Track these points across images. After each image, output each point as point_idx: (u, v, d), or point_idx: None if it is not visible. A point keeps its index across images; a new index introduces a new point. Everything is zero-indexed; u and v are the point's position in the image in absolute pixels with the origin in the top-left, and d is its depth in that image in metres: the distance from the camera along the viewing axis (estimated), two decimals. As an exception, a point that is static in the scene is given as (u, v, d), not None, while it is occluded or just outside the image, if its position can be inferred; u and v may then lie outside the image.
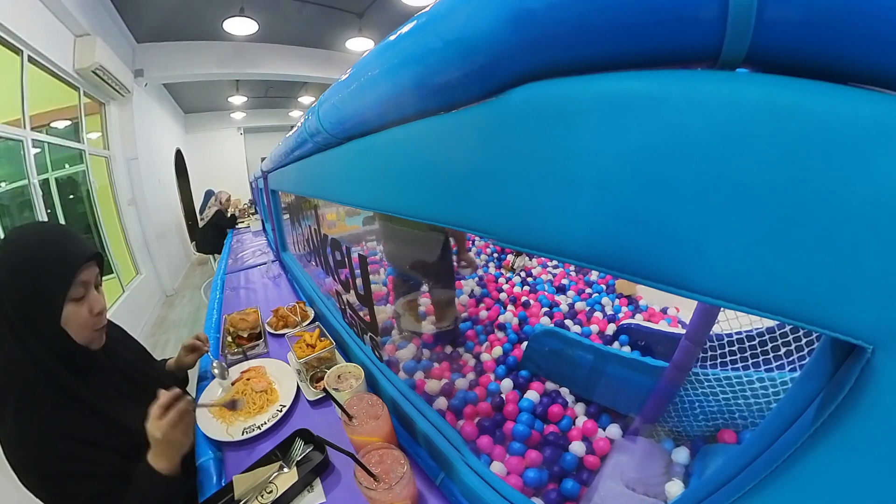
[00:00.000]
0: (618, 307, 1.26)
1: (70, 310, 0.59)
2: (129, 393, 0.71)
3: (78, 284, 0.60)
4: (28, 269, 0.56)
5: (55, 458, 0.56)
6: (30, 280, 0.56)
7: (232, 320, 1.24)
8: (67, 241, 0.61)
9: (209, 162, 7.26)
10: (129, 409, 0.67)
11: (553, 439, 0.77)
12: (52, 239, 0.60)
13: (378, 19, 4.07)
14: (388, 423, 0.64)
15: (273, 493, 0.63)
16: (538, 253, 0.29)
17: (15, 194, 2.43)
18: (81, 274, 0.60)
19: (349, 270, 0.80)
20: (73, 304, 0.60)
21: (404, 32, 0.34)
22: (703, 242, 0.19)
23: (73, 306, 0.60)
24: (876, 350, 0.17)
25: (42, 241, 0.59)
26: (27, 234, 0.60)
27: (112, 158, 3.79)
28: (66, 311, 0.59)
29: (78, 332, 0.61)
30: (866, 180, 0.15)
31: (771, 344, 0.67)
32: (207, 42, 4.24)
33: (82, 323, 0.61)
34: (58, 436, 0.57)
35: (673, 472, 0.64)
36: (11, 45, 2.27)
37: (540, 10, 0.22)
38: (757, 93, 0.17)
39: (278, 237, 2.03)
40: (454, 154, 0.35)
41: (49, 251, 0.58)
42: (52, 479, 0.56)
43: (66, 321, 0.59)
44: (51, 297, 0.58)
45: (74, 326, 0.60)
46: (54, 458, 0.56)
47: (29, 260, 0.57)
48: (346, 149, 0.61)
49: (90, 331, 0.63)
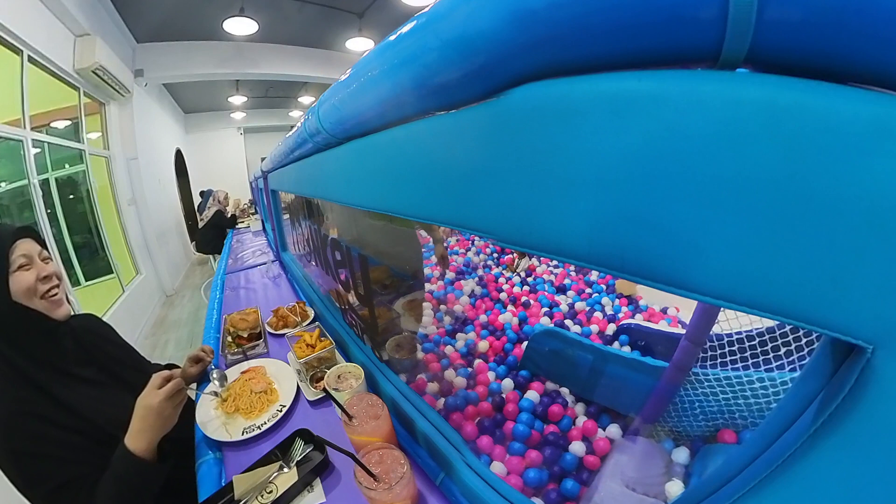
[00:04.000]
0: (618, 307, 1.26)
1: (15, 279, 0.62)
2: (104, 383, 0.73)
3: (19, 256, 0.63)
4: None
5: (27, 437, 0.59)
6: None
7: (232, 320, 1.24)
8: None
9: (209, 162, 7.27)
10: (105, 402, 0.68)
11: (553, 439, 0.77)
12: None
13: (378, 19, 4.07)
14: (388, 423, 0.64)
15: (273, 493, 0.63)
16: (538, 253, 0.28)
17: (15, 194, 2.43)
18: (17, 248, 0.64)
19: (349, 270, 0.80)
20: (18, 272, 0.63)
21: (404, 32, 0.34)
22: (703, 242, 0.19)
23: (18, 275, 0.63)
24: (876, 350, 0.17)
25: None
26: None
27: (112, 158, 3.79)
28: (12, 282, 0.62)
29: (29, 300, 0.64)
30: (866, 180, 0.15)
31: (771, 344, 0.67)
32: (207, 42, 4.25)
33: (29, 287, 0.63)
34: (31, 415, 0.60)
35: (673, 472, 0.64)
36: (11, 45, 2.27)
37: (540, 10, 0.22)
38: (757, 93, 0.17)
39: (278, 237, 2.03)
40: (454, 154, 0.34)
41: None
42: (23, 458, 0.58)
43: (14, 292, 0.62)
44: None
45: (23, 295, 0.63)
46: (26, 437, 0.58)
47: None
48: (346, 149, 0.61)
49: (41, 298, 0.65)
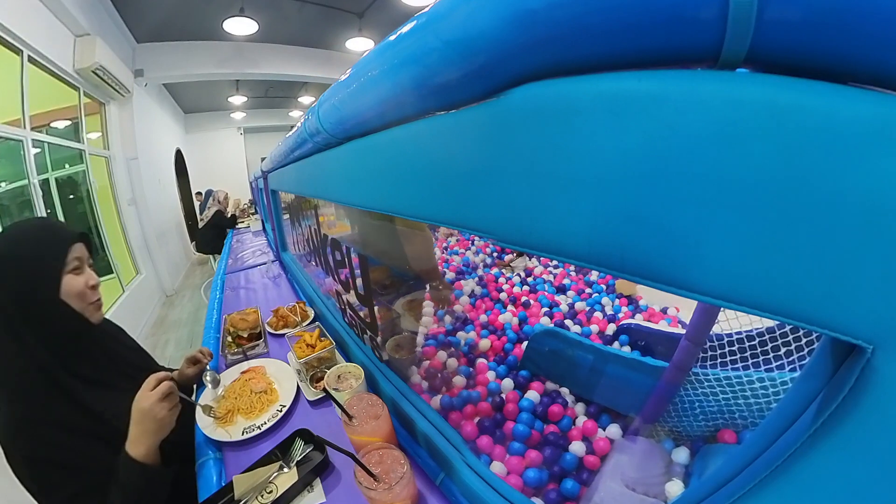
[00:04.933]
0: (618, 307, 1.26)
1: (68, 280, 0.64)
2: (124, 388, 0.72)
3: (73, 259, 0.65)
4: (26, 252, 0.62)
5: (44, 445, 0.59)
6: (29, 260, 0.61)
7: (232, 320, 1.24)
8: (55, 225, 0.69)
9: (209, 162, 7.27)
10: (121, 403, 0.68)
11: (553, 439, 0.77)
12: (41, 225, 0.67)
13: (378, 19, 4.07)
14: (388, 423, 0.64)
15: (273, 493, 0.63)
16: (538, 253, 0.28)
17: (15, 194, 2.43)
18: (73, 250, 0.65)
19: (349, 270, 0.80)
20: (71, 275, 0.65)
21: (404, 32, 0.34)
22: (704, 242, 0.19)
23: (71, 277, 0.65)
24: (876, 350, 0.17)
25: (33, 227, 0.66)
26: (16, 227, 0.66)
27: (112, 158, 3.79)
28: (65, 282, 0.64)
29: (77, 303, 0.65)
30: (866, 180, 0.15)
31: (771, 344, 0.67)
32: (207, 42, 4.25)
33: (80, 292, 0.65)
34: (51, 423, 0.60)
35: (673, 472, 0.64)
36: (11, 45, 2.27)
37: (540, 10, 0.22)
38: (757, 93, 0.17)
39: (278, 237, 2.03)
40: (454, 154, 0.34)
41: (42, 234, 0.65)
42: (39, 465, 0.58)
43: (65, 292, 0.64)
44: (49, 270, 0.63)
45: (73, 297, 0.65)
46: (43, 444, 0.59)
47: (24, 244, 0.63)
48: (346, 149, 0.61)
49: (87, 303, 0.67)
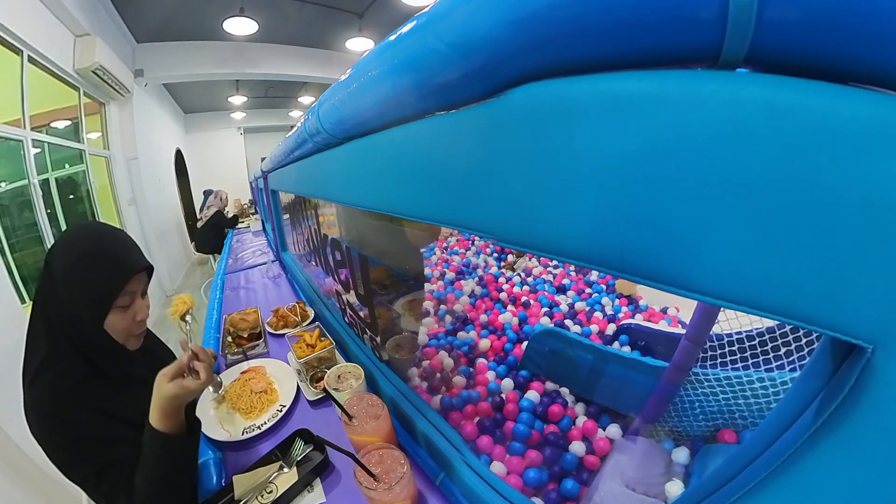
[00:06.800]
0: (618, 307, 1.26)
1: (115, 314, 0.61)
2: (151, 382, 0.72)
3: (126, 294, 0.61)
4: (81, 274, 0.58)
5: (77, 422, 0.57)
6: (80, 285, 0.57)
7: (232, 320, 1.24)
8: (122, 250, 0.62)
9: (209, 162, 7.25)
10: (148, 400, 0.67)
11: (553, 439, 0.77)
12: (107, 248, 0.61)
13: (378, 19, 4.07)
14: (388, 423, 0.64)
15: (273, 493, 0.63)
16: (538, 253, 0.28)
17: (15, 194, 2.43)
18: (130, 284, 0.61)
19: (349, 270, 0.80)
20: (119, 310, 0.61)
21: (404, 32, 0.34)
22: (703, 242, 0.19)
23: (119, 312, 0.61)
24: (876, 350, 0.17)
25: (98, 248, 0.60)
26: (85, 237, 0.61)
27: (112, 158, 3.79)
28: (110, 317, 0.60)
29: (118, 335, 0.63)
30: (866, 180, 0.15)
31: (771, 344, 0.67)
32: (207, 42, 4.24)
33: (125, 328, 0.63)
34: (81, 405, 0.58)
35: (673, 472, 0.64)
36: (11, 45, 2.27)
37: (540, 10, 0.22)
38: (757, 93, 0.17)
39: (278, 237, 2.03)
40: (454, 154, 0.34)
41: (103, 259, 0.59)
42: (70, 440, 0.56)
43: (108, 325, 0.61)
44: (101, 299, 0.59)
45: (116, 331, 0.62)
46: (76, 422, 0.57)
47: (84, 261, 0.58)
48: (346, 149, 0.61)
49: (130, 335, 0.65)
